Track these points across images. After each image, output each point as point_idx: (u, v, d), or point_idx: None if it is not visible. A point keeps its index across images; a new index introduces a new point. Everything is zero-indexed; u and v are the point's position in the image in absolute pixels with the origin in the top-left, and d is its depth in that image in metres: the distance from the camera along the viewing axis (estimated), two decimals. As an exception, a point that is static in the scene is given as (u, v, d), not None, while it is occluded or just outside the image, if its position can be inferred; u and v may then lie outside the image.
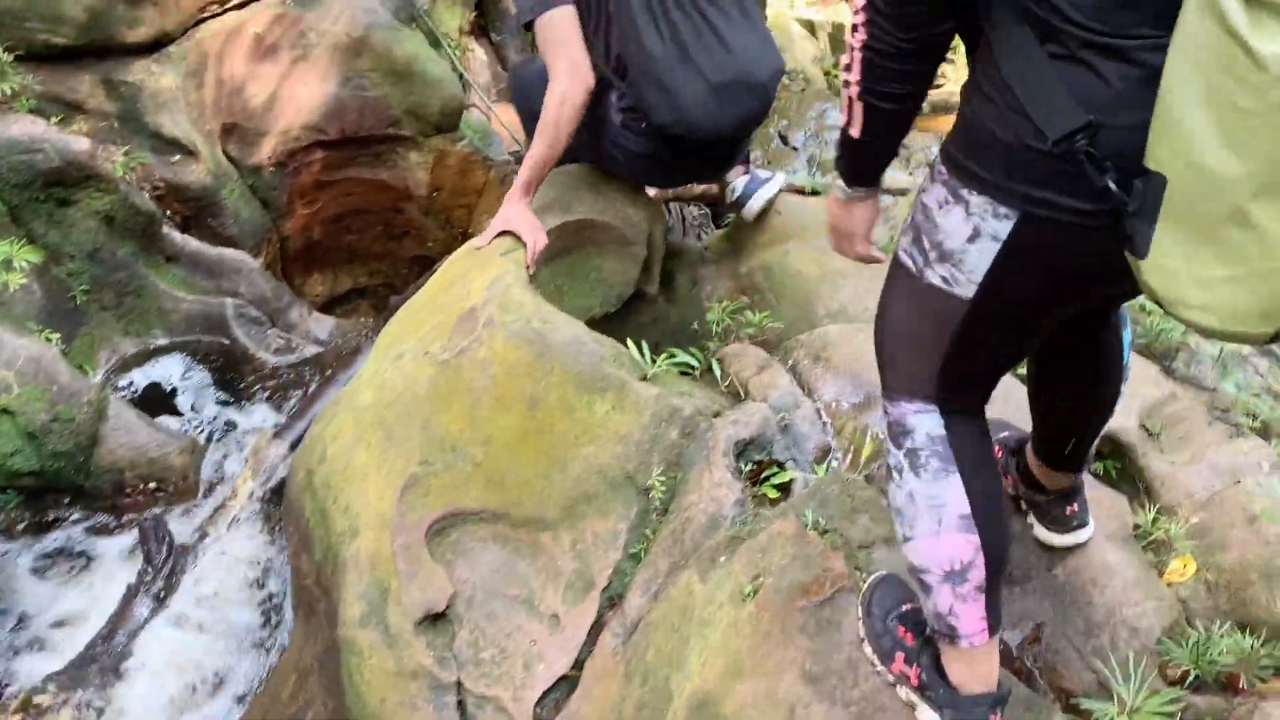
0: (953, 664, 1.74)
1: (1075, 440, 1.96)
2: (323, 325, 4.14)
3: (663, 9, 2.78)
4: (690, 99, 2.82)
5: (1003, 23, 1.35)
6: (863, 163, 1.64)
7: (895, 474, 1.72)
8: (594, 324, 3.03)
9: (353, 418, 2.59)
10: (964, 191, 1.45)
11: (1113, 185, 1.27)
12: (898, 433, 1.71)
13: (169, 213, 4.08)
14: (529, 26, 2.81)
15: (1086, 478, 2.29)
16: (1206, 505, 2.28)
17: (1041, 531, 2.14)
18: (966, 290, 1.50)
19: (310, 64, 4.24)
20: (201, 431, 3.77)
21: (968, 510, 1.64)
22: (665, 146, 2.95)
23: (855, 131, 1.53)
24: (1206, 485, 2.31)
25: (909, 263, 1.59)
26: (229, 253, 4.01)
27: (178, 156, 4.01)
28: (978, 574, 1.65)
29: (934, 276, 1.54)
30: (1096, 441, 2.02)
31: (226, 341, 3.95)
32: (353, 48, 4.25)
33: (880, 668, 1.89)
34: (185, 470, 3.52)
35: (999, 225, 1.42)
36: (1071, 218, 1.36)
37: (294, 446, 3.58)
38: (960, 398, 1.69)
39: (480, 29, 5.68)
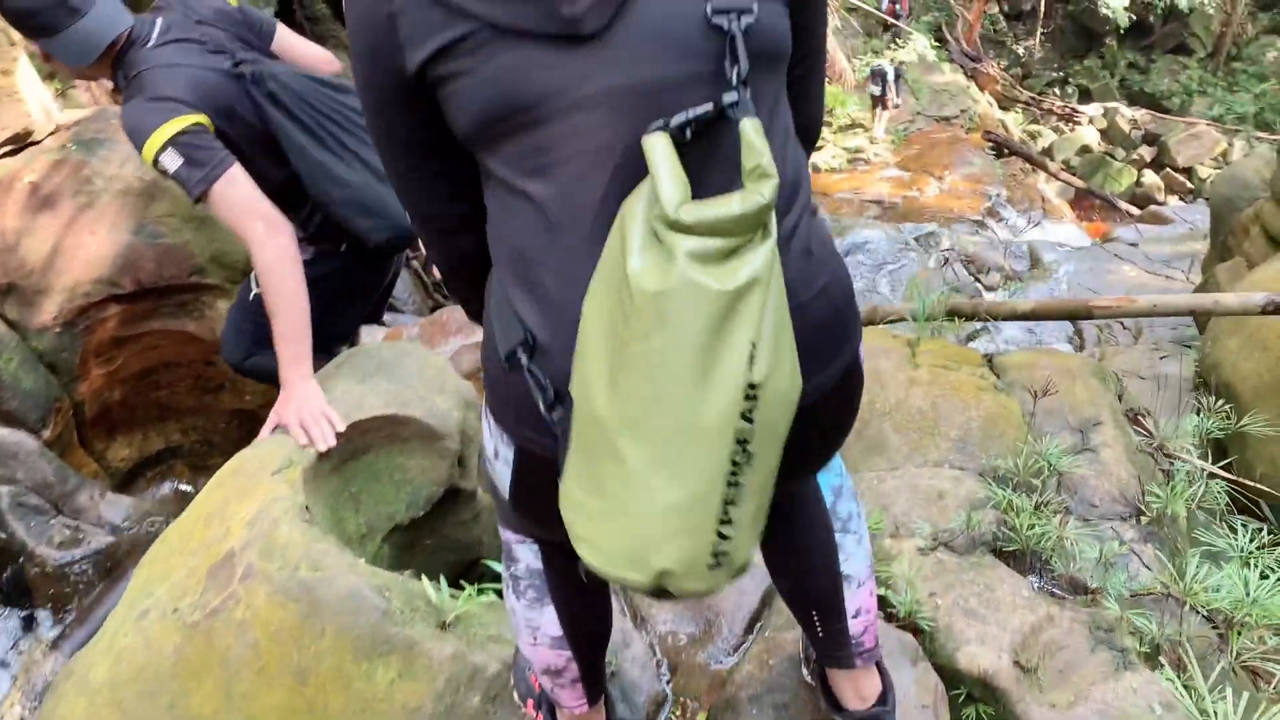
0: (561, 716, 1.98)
1: (815, 611, 1.84)
2: (117, 508, 3.65)
3: (335, 140, 2.78)
4: (395, 210, 2.85)
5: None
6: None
7: (505, 586, 1.82)
8: (401, 531, 2.64)
9: (86, 699, 2.13)
10: (485, 411, 1.47)
11: (544, 405, 1.24)
12: (507, 555, 1.79)
13: (-66, 389, 3.59)
14: (202, 199, 2.51)
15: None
16: (1095, 761, 1.95)
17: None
18: (506, 492, 1.50)
19: (97, 212, 3.80)
20: (-32, 650, 3.26)
21: (560, 634, 1.77)
22: (361, 262, 3.01)
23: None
24: (1094, 736, 1.98)
25: None
26: (3, 433, 3.52)
27: (-61, 328, 3.53)
28: (571, 673, 1.84)
29: (492, 469, 1.54)
30: (854, 621, 1.83)
31: (3, 536, 3.44)
32: (146, 192, 3.83)
33: (521, 707, 2.06)
34: (-57, 704, 3.02)
35: (507, 450, 1.43)
36: (539, 449, 1.34)
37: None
38: (549, 546, 1.70)
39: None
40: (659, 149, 1.10)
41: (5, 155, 3.71)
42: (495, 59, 1.16)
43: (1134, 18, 20.89)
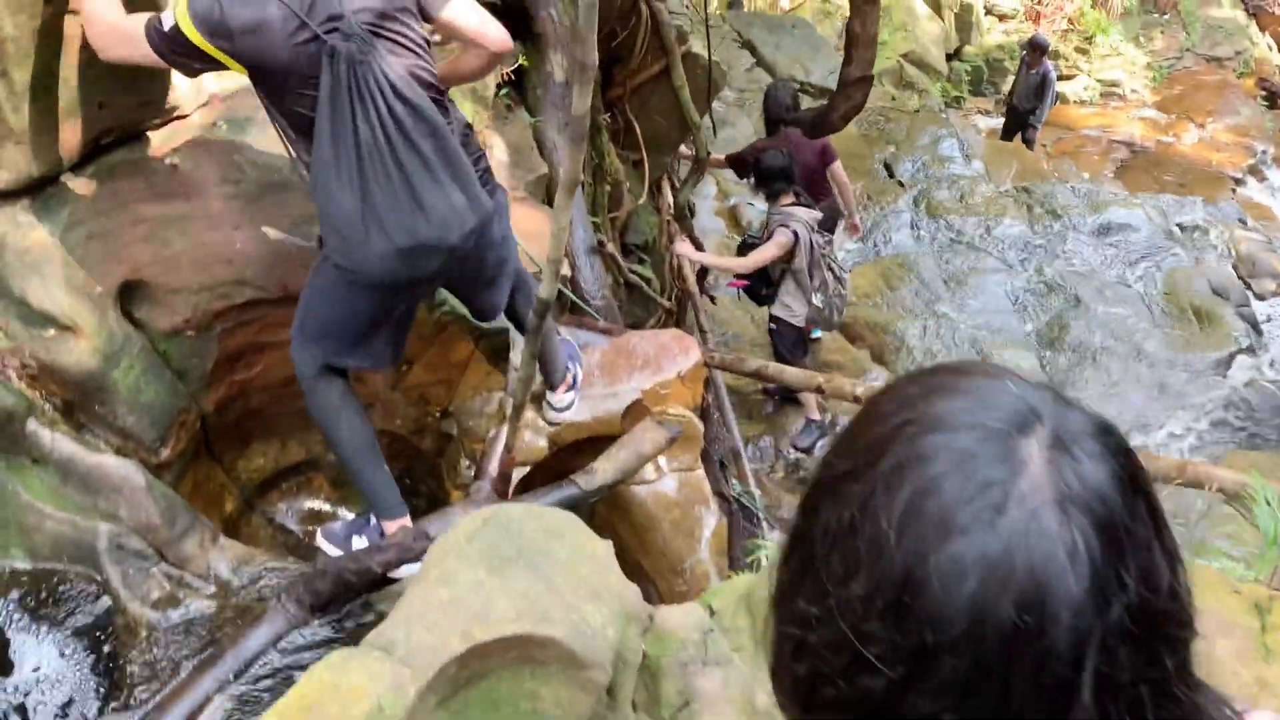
0: None
1: None
2: (226, 559, 3.16)
3: (357, 159, 2.60)
4: (372, 255, 2.72)
5: None
6: None
7: None
8: (521, 770, 2.01)
9: None
10: None
11: None
12: None
13: (45, 396, 3.14)
14: None
15: None
16: None
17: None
18: None
19: (245, 204, 3.24)
20: (34, 706, 2.84)
21: None
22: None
23: None
24: None
25: None
26: (110, 463, 3.03)
27: (51, 331, 3.04)
28: None
29: None
30: None
31: (97, 579, 2.99)
32: (301, 187, 3.23)
33: None
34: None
35: None
36: None
37: (148, 749, 2.70)
38: None
39: (508, 111, 4.60)
40: None
41: (141, 133, 3.15)
42: None
43: None
